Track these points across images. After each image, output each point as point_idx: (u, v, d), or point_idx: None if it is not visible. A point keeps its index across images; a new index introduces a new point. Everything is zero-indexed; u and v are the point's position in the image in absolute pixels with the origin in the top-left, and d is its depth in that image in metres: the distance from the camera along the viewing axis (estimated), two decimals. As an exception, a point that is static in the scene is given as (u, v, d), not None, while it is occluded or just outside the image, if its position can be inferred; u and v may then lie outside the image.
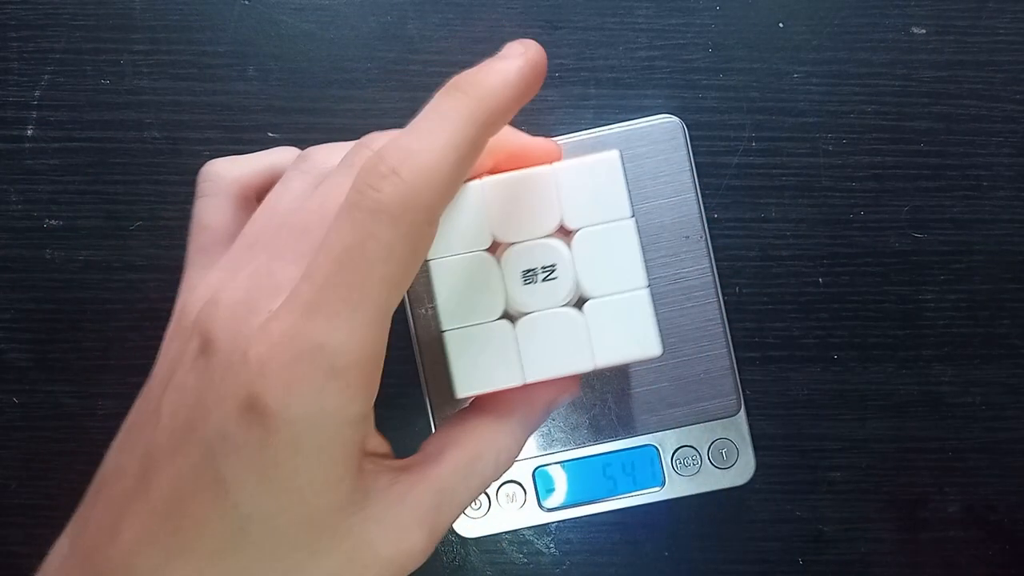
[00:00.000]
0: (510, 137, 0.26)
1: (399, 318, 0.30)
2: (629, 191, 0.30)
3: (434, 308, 0.29)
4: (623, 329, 0.29)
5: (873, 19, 0.33)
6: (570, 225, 0.30)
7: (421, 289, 0.30)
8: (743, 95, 0.33)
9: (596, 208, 0.30)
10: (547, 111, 0.32)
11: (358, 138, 0.32)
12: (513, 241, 0.29)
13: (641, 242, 0.30)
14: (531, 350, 0.29)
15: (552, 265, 0.29)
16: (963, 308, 0.33)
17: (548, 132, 0.30)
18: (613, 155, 0.29)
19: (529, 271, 0.29)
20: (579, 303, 0.30)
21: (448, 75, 0.33)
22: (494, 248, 0.30)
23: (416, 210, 0.20)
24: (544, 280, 0.29)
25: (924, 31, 0.33)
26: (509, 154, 0.26)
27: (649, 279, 0.30)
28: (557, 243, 0.29)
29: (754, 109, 0.33)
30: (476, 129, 0.21)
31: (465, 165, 0.21)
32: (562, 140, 0.30)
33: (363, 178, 0.20)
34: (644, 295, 0.30)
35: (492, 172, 0.27)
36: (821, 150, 0.33)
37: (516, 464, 0.30)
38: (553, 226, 0.30)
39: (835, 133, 0.33)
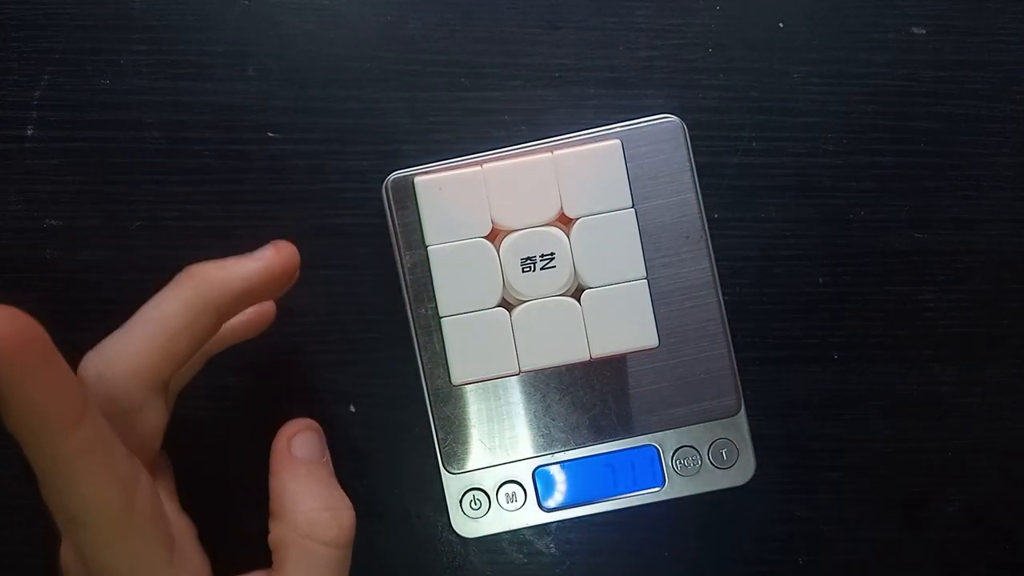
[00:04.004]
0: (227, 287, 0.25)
1: (399, 317, 0.30)
2: (630, 181, 0.30)
3: (433, 296, 0.29)
4: (620, 320, 0.30)
5: (873, 19, 0.33)
6: (570, 213, 0.30)
7: (421, 288, 0.30)
8: (743, 95, 0.33)
9: (596, 197, 0.30)
10: (547, 111, 0.32)
11: (357, 139, 0.32)
12: (513, 228, 0.29)
13: (640, 233, 0.30)
14: (527, 339, 0.29)
15: (551, 254, 0.29)
16: (963, 308, 0.33)
17: (548, 132, 0.30)
18: (614, 144, 0.30)
19: (528, 259, 0.29)
20: (577, 292, 0.30)
21: (448, 75, 0.33)
22: (493, 235, 0.30)
23: (122, 405, 0.23)
24: (542, 268, 0.29)
25: (924, 31, 0.33)
26: (233, 299, 0.25)
27: (648, 271, 0.30)
28: (556, 231, 0.30)
29: (754, 109, 0.33)
30: (193, 315, 0.23)
31: (173, 354, 0.23)
32: (562, 140, 0.30)
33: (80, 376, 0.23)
34: (642, 286, 0.30)
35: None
36: (821, 150, 0.33)
37: (516, 464, 0.30)
38: (553, 214, 0.30)
39: (835, 133, 0.33)
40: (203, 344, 0.24)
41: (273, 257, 0.25)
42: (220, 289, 0.24)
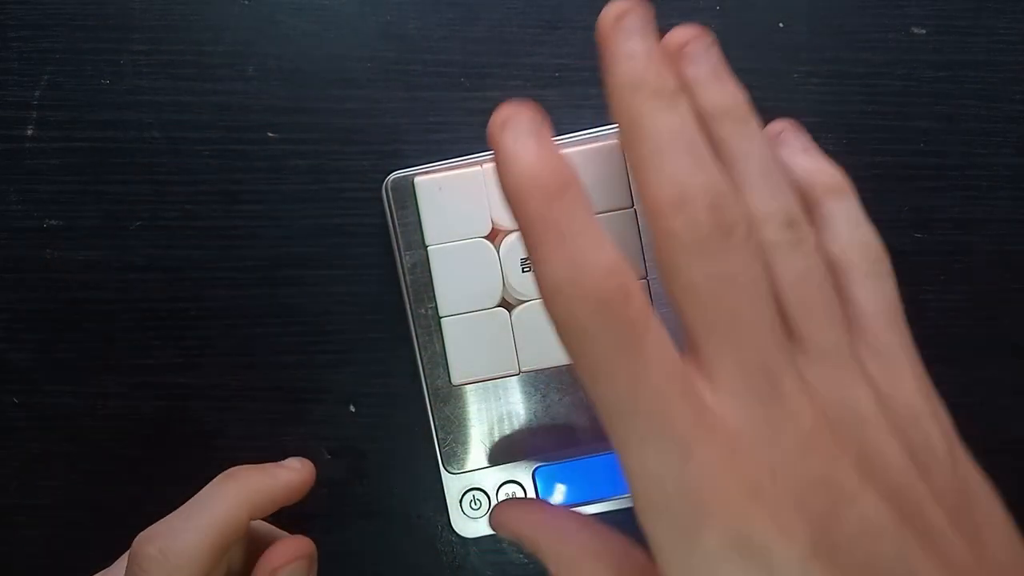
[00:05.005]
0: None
1: (399, 317, 0.30)
2: (630, 180, 0.30)
3: (433, 296, 0.29)
4: None
5: (873, 19, 0.33)
6: (570, 217, 0.30)
7: (421, 288, 0.30)
8: (743, 95, 0.33)
9: (596, 197, 0.30)
10: (547, 111, 0.32)
11: (357, 139, 0.32)
12: (513, 228, 0.29)
13: (640, 233, 0.30)
14: (527, 339, 0.29)
15: None
16: (963, 308, 0.33)
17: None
18: (614, 144, 0.30)
19: (528, 259, 0.29)
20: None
21: (448, 75, 0.33)
22: (493, 235, 0.30)
23: None
24: None
25: (924, 31, 0.33)
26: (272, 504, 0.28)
27: (648, 271, 0.30)
28: None
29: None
30: (242, 512, 0.26)
31: (226, 539, 0.25)
32: (562, 140, 0.30)
33: (136, 562, 0.24)
34: (642, 286, 0.30)
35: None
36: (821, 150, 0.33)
37: (516, 464, 0.30)
38: None
39: (835, 133, 0.33)
40: (236, 539, 0.26)
41: (309, 471, 0.29)
42: (263, 493, 0.27)
